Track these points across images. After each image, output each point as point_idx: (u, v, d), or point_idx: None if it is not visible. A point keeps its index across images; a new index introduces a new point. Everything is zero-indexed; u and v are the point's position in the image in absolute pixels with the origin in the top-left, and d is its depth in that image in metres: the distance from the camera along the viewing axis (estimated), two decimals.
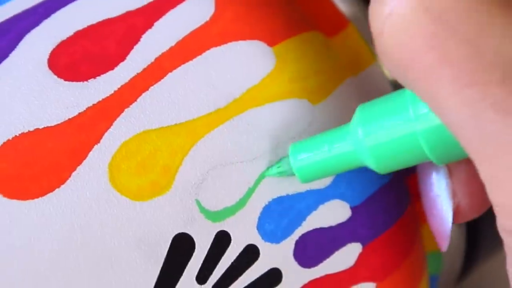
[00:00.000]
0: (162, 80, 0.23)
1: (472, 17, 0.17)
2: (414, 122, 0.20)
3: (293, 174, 0.23)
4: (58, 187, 0.22)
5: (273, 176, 0.23)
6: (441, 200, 0.23)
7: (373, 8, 0.18)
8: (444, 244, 0.23)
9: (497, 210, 0.17)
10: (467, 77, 0.17)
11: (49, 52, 0.23)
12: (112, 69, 0.23)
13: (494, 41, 0.16)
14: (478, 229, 0.29)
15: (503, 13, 0.17)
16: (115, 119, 0.22)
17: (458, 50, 0.17)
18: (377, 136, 0.21)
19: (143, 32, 0.23)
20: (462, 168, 0.22)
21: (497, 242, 0.29)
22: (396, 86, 0.26)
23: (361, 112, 0.21)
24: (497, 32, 0.16)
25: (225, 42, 0.23)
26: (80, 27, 0.24)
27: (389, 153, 0.21)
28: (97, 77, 0.23)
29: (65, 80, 0.23)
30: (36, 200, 0.22)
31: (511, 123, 0.16)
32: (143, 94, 0.23)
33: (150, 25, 0.24)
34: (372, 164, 0.21)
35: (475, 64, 0.16)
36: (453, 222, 0.23)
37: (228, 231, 0.23)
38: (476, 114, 0.16)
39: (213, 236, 0.23)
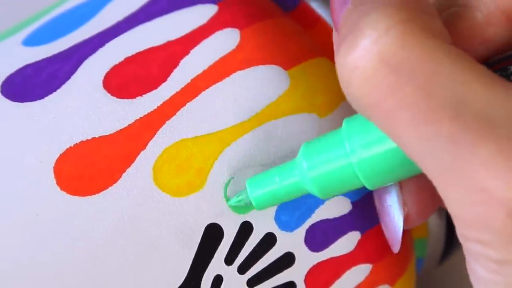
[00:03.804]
0: (196, 97, 0.23)
1: (423, 67, 0.17)
2: (350, 155, 0.20)
3: (250, 203, 0.23)
4: (111, 185, 0.22)
5: (235, 204, 0.23)
6: (393, 210, 0.23)
7: (338, 61, 0.18)
8: (396, 247, 0.23)
9: (455, 221, 0.17)
10: (423, 117, 0.17)
11: (104, 74, 0.23)
12: (156, 88, 0.23)
13: (443, 85, 0.16)
14: None
15: (451, 60, 0.17)
16: (158, 130, 0.23)
17: (413, 95, 0.17)
18: (319, 168, 0.21)
19: (181, 58, 0.24)
20: (411, 182, 0.22)
21: None
22: None
23: (305, 148, 0.21)
24: (445, 77, 0.17)
25: (249, 67, 0.24)
26: (129, 54, 0.24)
27: (329, 181, 0.21)
28: (143, 95, 0.23)
29: (117, 97, 0.23)
30: (93, 196, 0.22)
31: (461, 152, 0.16)
32: (181, 109, 0.23)
33: (187, 52, 0.24)
34: (315, 192, 0.21)
35: (428, 106, 0.16)
36: (404, 229, 0.23)
37: (251, 222, 0.23)
38: (432, 147, 0.17)
39: (238, 226, 0.23)
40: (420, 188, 0.22)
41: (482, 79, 0.17)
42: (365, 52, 0.17)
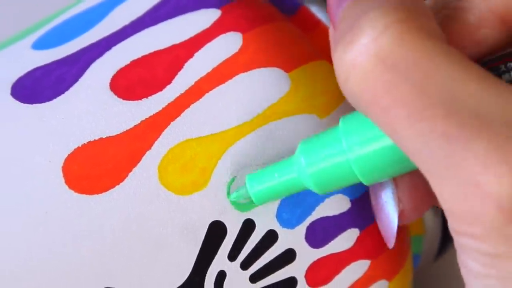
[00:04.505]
0: (200, 99, 0.23)
1: (419, 65, 0.17)
2: (346, 153, 0.20)
3: (249, 198, 0.23)
4: (118, 184, 0.22)
5: (235, 199, 0.23)
6: (388, 206, 0.23)
7: (336, 57, 0.18)
8: (391, 242, 0.23)
9: (447, 216, 0.18)
10: (418, 114, 0.17)
11: (111, 77, 0.24)
12: (161, 90, 0.23)
13: (438, 83, 0.17)
14: None
15: (446, 59, 0.17)
16: (163, 130, 0.23)
17: (409, 93, 0.17)
18: (317, 164, 0.21)
19: (186, 61, 0.24)
20: (406, 179, 0.22)
21: None
22: None
23: (303, 145, 0.21)
24: (440, 76, 0.17)
25: (251, 69, 0.24)
26: (135, 57, 0.24)
27: (327, 177, 0.21)
28: (149, 97, 0.23)
29: (124, 99, 0.23)
30: (100, 195, 0.22)
31: (455, 148, 0.16)
32: (185, 110, 0.23)
33: (191, 55, 0.24)
34: (313, 187, 0.21)
35: (423, 104, 0.17)
36: (399, 224, 0.23)
37: (253, 219, 0.23)
38: (427, 142, 0.17)
39: (241, 223, 0.23)
40: (414, 185, 0.22)
41: (476, 78, 0.17)
42: (364, 50, 0.17)
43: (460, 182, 0.16)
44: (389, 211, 0.23)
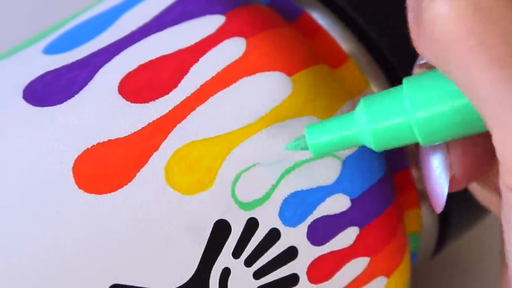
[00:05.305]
0: (205, 102, 0.23)
1: (508, 15, 0.17)
2: (408, 113, 0.20)
3: (307, 149, 0.23)
4: (126, 184, 0.22)
5: (292, 149, 0.23)
6: (439, 171, 0.22)
7: (426, 1, 0.18)
8: (439, 207, 0.23)
9: (503, 170, 0.18)
10: (499, 61, 0.17)
11: (119, 81, 0.24)
12: (167, 93, 0.23)
13: None
14: (447, 217, 0.29)
15: None
16: (170, 132, 0.23)
17: (494, 38, 0.17)
18: (377, 122, 0.21)
19: (191, 65, 0.24)
20: (458, 145, 0.22)
21: (464, 226, 0.30)
22: None
23: (365, 102, 0.22)
24: None
25: (254, 73, 0.24)
26: (142, 62, 0.24)
27: (386, 136, 0.21)
28: (156, 100, 0.23)
29: (132, 102, 0.23)
30: (108, 194, 0.22)
31: None
32: (191, 113, 0.23)
33: (196, 60, 0.24)
34: (371, 144, 0.22)
35: (506, 51, 0.17)
36: (449, 191, 0.23)
37: (257, 218, 0.23)
38: (501, 91, 0.17)
39: (245, 222, 0.23)
40: (466, 152, 0.22)
41: None
42: None
43: None
44: (439, 176, 0.23)
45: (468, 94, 0.18)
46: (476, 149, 0.18)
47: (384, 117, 0.21)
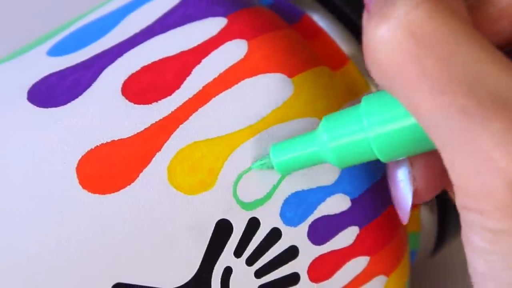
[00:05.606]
0: (207, 103, 0.24)
1: (445, 42, 0.17)
2: (367, 131, 0.21)
3: (272, 168, 0.23)
4: (129, 184, 0.22)
5: (257, 168, 0.23)
6: (403, 184, 0.23)
7: (368, 31, 0.19)
8: (405, 218, 0.23)
9: (457, 191, 0.18)
10: (440, 87, 0.17)
11: (122, 82, 0.24)
12: (170, 95, 0.24)
13: (462, 62, 0.17)
14: (446, 216, 0.29)
15: (471, 40, 0.17)
16: (172, 133, 0.23)
17: (434, 66, 0.17)
18: (338, 140, 0.21)
19: (193, 67, 0.24)
20: (421, 159, 0.22)
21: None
22: None
23: (326, 121, 0.22)
24: (464, 54, 0.17)
25: (256, 75, 0.24)
26: (145, 63, 0.24)
27: (347, 153, 0.21)
28: (159, 101, 0.23)
29: (135, 103, 0.23)
30: (112, 194, 0.22)
31: (472, 124, 0.17)
32: (193, 114, 0.23)
33: (198, 62, 0.24)
34: (333, 162, 0.22)
35: (446, 78, 0.17)
36: (413, 203, 0.23)
37: (258, 218, 0.23)
38: (445, 116, 0.17)
39: (246, 221, 0.23)
40: (428, 166, 0.23)
41: (497, 62, 0.17)
42: (396, 23, 0.18)
43: (474, 156, 0.17)
44: (404, 189, 0.23)
45: (414, 117, 0.18)
46: (438, 162, 0.18)
47: (344, 135, 0.21)
